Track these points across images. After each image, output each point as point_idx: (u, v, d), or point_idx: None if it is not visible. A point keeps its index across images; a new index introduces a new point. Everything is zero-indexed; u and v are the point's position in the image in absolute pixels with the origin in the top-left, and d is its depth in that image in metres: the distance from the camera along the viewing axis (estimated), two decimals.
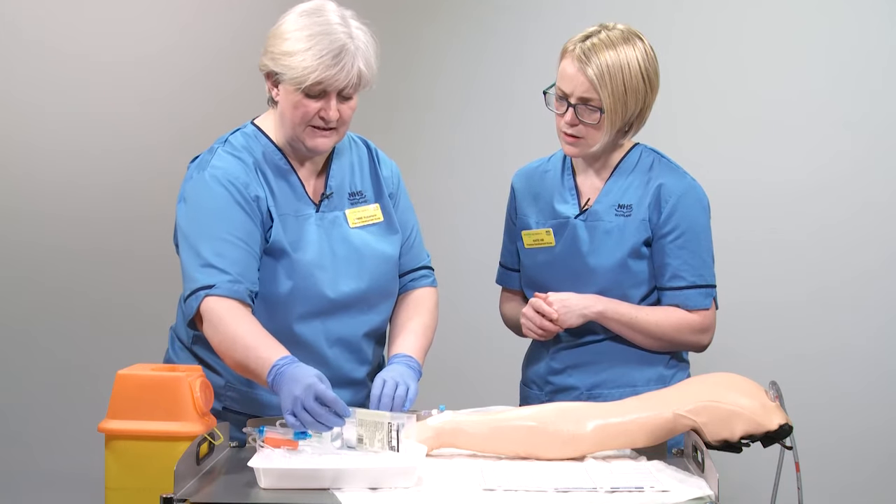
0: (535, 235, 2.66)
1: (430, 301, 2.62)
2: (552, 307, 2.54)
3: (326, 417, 2.12)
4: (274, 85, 2.40)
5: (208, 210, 2.36)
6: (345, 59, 2.33)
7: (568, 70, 2.53)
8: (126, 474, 2.12)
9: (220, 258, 2.32)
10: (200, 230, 2.35)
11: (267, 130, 2.47)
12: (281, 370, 2.18)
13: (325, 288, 2.44)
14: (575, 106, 2.52)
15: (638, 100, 2.54)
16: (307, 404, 2.11)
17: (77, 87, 3.81)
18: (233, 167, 2.40)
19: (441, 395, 2.70)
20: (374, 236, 2.52)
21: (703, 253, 2.58)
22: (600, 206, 2.60)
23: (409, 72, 3.92)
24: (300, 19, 2.37)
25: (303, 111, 2.37)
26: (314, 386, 2.12)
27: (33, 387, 3.85)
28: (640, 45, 2.55)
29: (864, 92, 3.73)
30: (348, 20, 2.38)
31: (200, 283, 2.30)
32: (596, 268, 2.57)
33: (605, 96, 2.49)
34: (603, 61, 2.50)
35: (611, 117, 2.51)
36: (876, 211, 3.75)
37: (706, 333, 2.59)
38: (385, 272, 2.53)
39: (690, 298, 2.56)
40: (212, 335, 2.29)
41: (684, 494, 1.97)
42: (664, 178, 2.59)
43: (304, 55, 2.33)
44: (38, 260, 3.83)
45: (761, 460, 2.64)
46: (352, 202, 2.52)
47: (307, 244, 2.44)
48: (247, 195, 2.38)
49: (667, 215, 2.56)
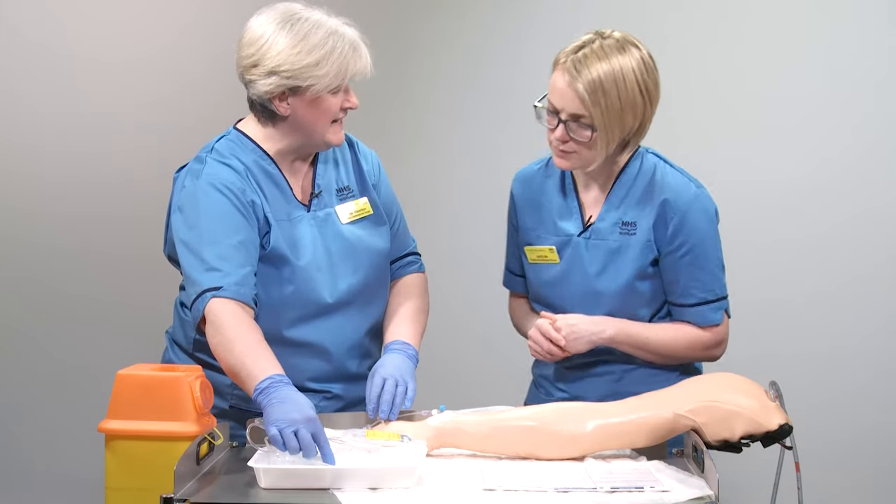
0: (538, 252, 2.55)
1: (420, 286, 2.63)
2: (560, 332, 2.43)
3: (310, 451, 2.06)
4: (283, 101, 2.38)
5: (208, 215, 2.35)
6: (360, 47, 2.39)
7: (558, 84, 2.38)
8: (126, 474, 2.12)
9: (224, 261, 2.30)
10: (202, 236, 2.33)
11: (253, 136, 2.46)
12: (276, 385, 2.14)
13: (324, 290, 2.44)
14: (566, 122, 2.38)
15: (636, 115, 2.39)
16: (301, 434, 2.05)
17: (77, 87, 3.81)
18: (225, 173, 2.39)
19: (441, 395, 2.70)
20: (366, 230, 2.52)
21: (712, 266, 2.48)
22: (603, 223, 2.49)
23: (409, 72, 3.92)
24: (293, 30, 2.35)
25: (331, 111, 2.39)
26: (316, 423, 2.08)
27: (33, 387, 3.85)
28: (636, 55, 2.38)
29: (865, 92, 3.73)
30: (316, 11, 2.41)
31: (206, 286, 2.29)
32: (603, 291, 2.47)
33: (597, 114, 2.34)
34: (595, 75, 2.34)
35: (604, 136, 2.36)
36: (876, 211, 3.74)
37: (719, 347, 2.52)
38: (379, 264, 2.53)
39: (702, 315, 2.48)
40: (212, 336, 2.28)
41: (684, 494, 1.98)
42: (668, 192, 2.45)
43: (331, 59, 2.34)
44: (38, 260, 3.83)
45: (761, 460, 2.64)
46: (340, 198, 2.52)
47: (303, 247, 2.43)
48: (244, 200, 2.37)
49: (673, 232, 2.44)
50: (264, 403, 2.12)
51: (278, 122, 2.43)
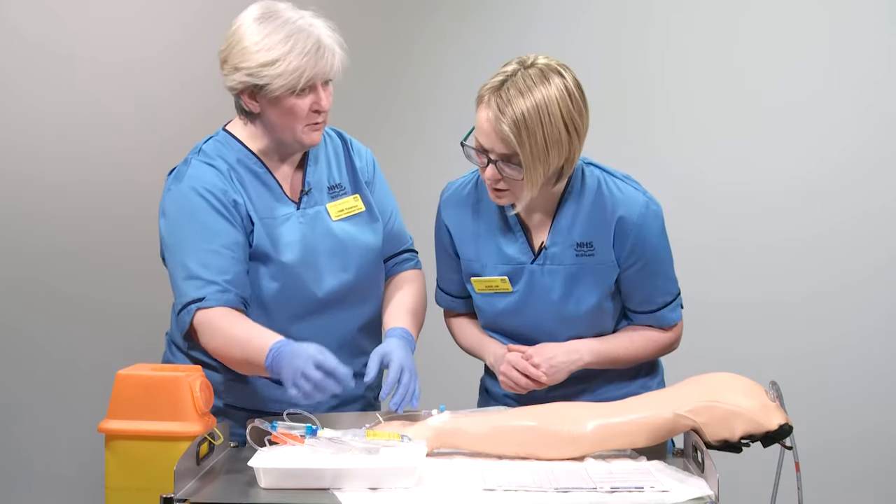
0: (487, 283, 2.48)
1: (417, 282, 2.64)
2: (539, 369, 2.40)
3: (325, 384, 2.14)
4: (252, 98, 2.40)
5: (189, 221, 2.37)
6: (325, 48, 2.36)
7: (483, 124, 2.28)
8: (126, 474, 2.12)
9: (206, 269, 2.33)
10: (184, 242, 2.36)
11: (239, 136, 2.48)
12: (279, 350, 2.20)
13: (312, 286, 2.44)
14: (496, 162, 2.29)
15: (561, 152, 2.28)
16: (307, 372, 2.13)
17: (77, 87, 3.81)
18: (208, 175, 2.40)
19: (441, 395, 2.70)
20: (357, 227, 2.52)
21: (667, 269, 2.48)
22: (557, 248, 2.42)
23: (409, 72, 3.92)
24: (261, 27, 2.36)
25: (299, 111, 2.38)
26: (314, 356, 2.15)
27: (33, 387, 3.85)
28: (559, 83, 2.27)
29: (865, 92, 3.73)
30: (300, 11, 2.40)
31: (190, 297, 2.33)
32: (570, 315, 2.44)
33: (524, 153, 2.24)
34: (519, 113, 2.23)
35: (530, 175, 2.27)
36: (876, 211, 3.75)
37: (678, 342, 2.56)
38: (370, 262, 2.54)
39: (663, 318, 2.50)
40: (208, 343, 2.32)
41: (684, 494, 1.98)
42: (620, 209, 2.38)
43: (288, 58, 2.33)
44: (38, 260, 3.83)
45: (761, 460, 2.64)
46: (332, 195, 2.53)
47: (290, 244, 2.44)
48: (225, 201, 2.38)
49: (630, 249, 2.40)
50: (279, 376, 2.19)
51: (255, 120, 2.45)
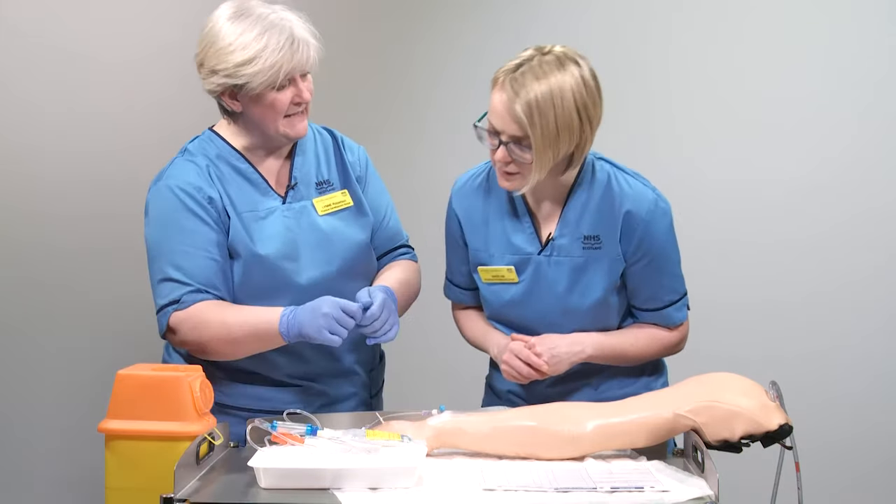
0: (493, 272, 2.49)
1: (411, 267, 2.63)
2: (541, 358, 2.41)
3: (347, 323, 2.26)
4: (233, 98, 2.40)
5: (163, 222, 2.39)
6: (299, 41, 2.37)
7: (497, 105, 2.31)
8: (126, 474, 2.12)
9: (180, 271, 2.35)
10: (160, 244, 2.39)
11: (223, 134, 2.49)
12: (293, 312, 2.28)
13: (294, 280, 2.43)
14: (507, 144, 2.31)
15: (572, 138, 2.31)
16: (336, 315, 2.23)
17: (77, 87, 3.80)
18: (185, 173, 2.42)
19: (441, 395, 2.70)
20: (344, 222, 2.52)
21: (673, 268, 2.49)
22: (565, 240, 2.44)
23: (409, 72, 3.92)
24: (234, 26, 2.37)
25: (280, 106, 2.39)
26: (336, 300, 2.26)
27: (33, 387, 3.84)
28: (574, 72, 2.30)
29: (865, 92, 3.73)
30: (271, 6, 2.41)
31: (166, 300, 2.36)
32: (575, 308, 2.45)
33: (535, 136, 2.27)
34: (532, 95, 2.26)
35: (539, 158, 2.29)
36: (876, 211, 3.75)
37: (683, 342, 2.57)
38: (355, 255, 2.53)
39: (668, 316, 2.51)
40: (198, 338, 2.33)
41: (684, 494, 1.98)
42: (628, 203, 2.40)
43: (264, 55, 2.34)
44: (38, 260, 3.82)
45: (761, 460, 2.64)
46: (319, 191, 2.53)
47: (270, 238, 2.43)
48: (200, 199, 2.39)
49: (638, 243, 2.41)
50: (301, 333, 2.27)
51: (237, 119, 2.46)
